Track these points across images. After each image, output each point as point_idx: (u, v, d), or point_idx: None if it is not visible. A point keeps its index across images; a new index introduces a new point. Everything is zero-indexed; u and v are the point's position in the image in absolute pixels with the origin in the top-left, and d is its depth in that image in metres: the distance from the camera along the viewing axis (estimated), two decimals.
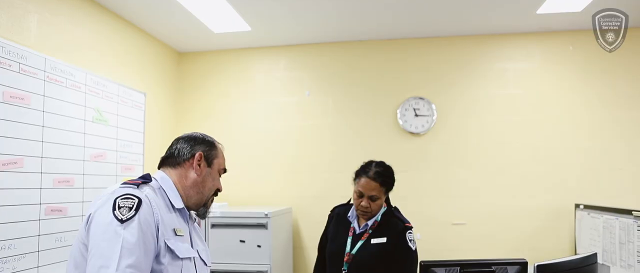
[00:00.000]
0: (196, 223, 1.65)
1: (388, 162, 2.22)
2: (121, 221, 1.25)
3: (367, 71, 3.89)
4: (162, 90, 3.88)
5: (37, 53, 2.39)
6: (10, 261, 2.18)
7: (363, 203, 2.12)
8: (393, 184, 2.19)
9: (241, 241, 3.22)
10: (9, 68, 2.20)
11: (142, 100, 3.39)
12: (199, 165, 1.53)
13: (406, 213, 2.25)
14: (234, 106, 4.06)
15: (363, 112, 3.86)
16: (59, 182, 2.51)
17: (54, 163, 2.48)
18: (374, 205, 2.13)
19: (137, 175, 1.49)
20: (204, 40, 3.85)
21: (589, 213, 3.16)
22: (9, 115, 2.19)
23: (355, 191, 2.16)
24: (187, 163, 1.53)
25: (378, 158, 2.23)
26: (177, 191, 1.50)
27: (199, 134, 1.61)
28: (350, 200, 2.27)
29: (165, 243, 1.34)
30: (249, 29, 3.55)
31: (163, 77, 3.91)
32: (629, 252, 2.62)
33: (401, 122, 3.76)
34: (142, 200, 1.32)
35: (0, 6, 2.32)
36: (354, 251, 2.13)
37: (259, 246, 3.20)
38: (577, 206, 3.36)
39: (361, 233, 2.17)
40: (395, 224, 2.16)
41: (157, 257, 1.32)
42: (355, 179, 2.18)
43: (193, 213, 1.62)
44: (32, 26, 2.50)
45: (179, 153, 1.54)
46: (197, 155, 1.53)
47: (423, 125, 3.74)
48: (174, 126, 4.03)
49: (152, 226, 1.31)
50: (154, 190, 1.42)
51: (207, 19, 3.36)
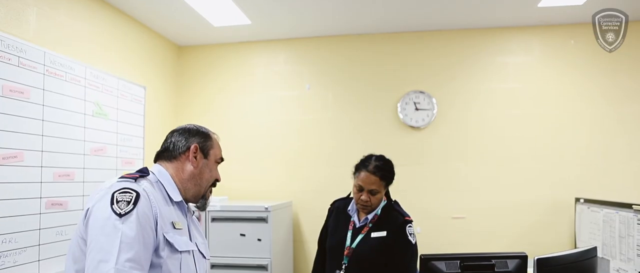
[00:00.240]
0: (195, 217, 1.65)
1: (388, 156, 2.22)
2: (119, 215, 1.25)
3: (368, 65, 3.88)
4: (162, 84, 3.87)
5: (37, 47, 2.38)
6: (11, 254, 2.19)
7: (363, 197, 2.12)
8: (393, 178, 2.19)
9: (241, 235, 3.23)
10: (8, 62, 2.19)
11: (142, 94, 3.38)
12: (195, 158, 1.53)
13: (406, 207, 2.26)
14: (233, 100, 4.05)
15: (363, 105, 3.86)
16: (59, 175, 2.51)
17: (54, 157, 2.48)
18: (373, 199, 2.13)
19: (138, 169, 1.48)
20: (203, 33, 3.84)
21: (589, 207, 3.16)
22: (8, 109, 2.19)
23: (355, 185, 2.17)
24: (183, 156, 1.52)
25: (378, 152, 2.23)
26: (174, 184, 1.50)
27: (192, 126, 1.60)
28: (350, 194, 2.27)
29: (164, 236, 1.34)
30: (248, 22, 3.54)
31: (163, 70, 3.90)
32: (628, 245, 2.62)
33: (401, 115, 3.76)
34: (140, 194, 1.31)
35: None
36: (354, 245, 2.14)
37: (259, 240, 3.21)
38: (577, 200, 3.36)
39: (361, 227, 2.17)
40: (395, 218, 2.16)
41: (156, 250, 1.32)
42: (355, 173, 2.18)
43: (192, 205, 1.62)
44: (31, 20, 2.49)
45: (174, 146, 1.54)
46: (192, 147, 1.52)
47: (423, 119, 3.74)
48: (174, 120, 4.03)
49: (151, 220, 1.31)
50: (151, 183, 1.42)
51: (207, 12, 3.35)
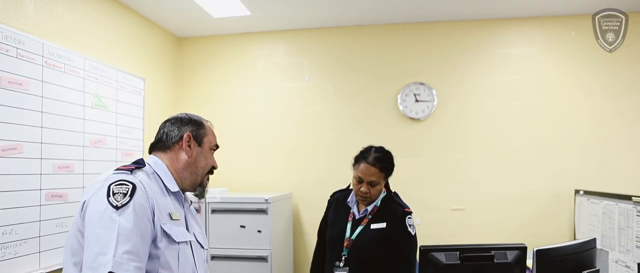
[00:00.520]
0: (192, 207, 1.65)
1: (388, 148, 2.21)
2: (116, 207, 1.25)
3: (368, 56, 3.86)
4: (161, 76, 3.86)
5: (35, 38, 2.37)
6: (12, 246, 2.19)
7: (362, 189, 2.12)
8: (392, 170, 2.19)
9: (241, 226, 3.24)
10: (6, 53, 2.18)
11: (141, 86, 3.38)
12: (189, 146, 1.52)
13: (406, 198, 2.26)
14: (233, 91, 4.04)
15: (363, 97, 3.85)
16: (59, 167, 2.51)
17: (54, 149, 2.48)
18: (373, 191, 2.13)
19: (133, 160, 1.48)
20: (202, 25, 3.81)
21: (588, 199, 3.16)
22: (7, 101, 2.19)
23: (354, 176, 2.17)
24: (177, 146, 1.52)
25: (378, 144, 2.23)
26: (170, 175, 1.49)
27: (184, 115, 1.59)
28: (349, 186, 2.28)
29: (162, 227, 1.34)
30: (248, 13, 3.52)
31: (162, 62, 3.89)
32: (627, 237, 2.63)
33: (401, 107, 3.75)
34: (137, 185, 1.31)
35: None
36: (353, 236, 2.14)
37: (259, 231, 3.22)
38: (577, 192, 3.36)
39: (361, 219, 2.18)
40: (394, 209, 2.16)
41: (153, 241, 1.32)
42: (354, 165, 2.18)
43: (190, 195, 1.62)
44: (29, 11, 2.48)
45: (167, 137, 1.53)
46: (185, 136, 1.52)
47: (423, 111, 3.73)
48: (174, 112, 3.98)
49: (148, 211, 1.31)
50: (147, 175, 1.42)
51: (206, 3, 3.32)
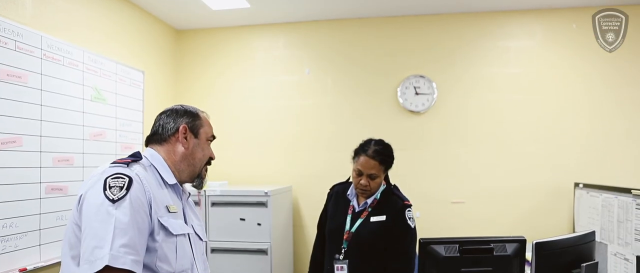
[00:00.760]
0: (190, 199, 1.65)
1: (387, 141, 2.21)
2: (113, 201, 1.24)
3: (367, 49, 3.85)
4: (160, 69, 3.85)
5: (33, 30, 2.36)
6: (12, 239, 2.20)
7: (362, 182, 2.12)
8: (392, 162, 2.19)
9: (241, 219, 3.24)
10: (5, 46, 2.17)
11: (140, 79, 3.37)
12: (186, 138, 1.51)
13: (405, 191, 2.26)
14: (233, 84, 4.03)
15: (363, 90, 3.84)
16: (58, 161, 2.51)
17: (53, 142, 2.47)
18: (373, 184, 2.13)
19: (130, 153, 1.48)
20: (201, 17, 3.80)
21: (588, 192, 3.17)
22: (6, 94, 2.18)
23: (354, 169, 2.17)
24: (173, 138, 1.51)
25: (378, 137, 2.22)
26: (168, 167, 1.48)
27: (179, 106, 1.58)
28: (349, 178, 2.28)
29: (159, 220, 1.34)
30: (247, 5, 3.50)
31: (161, 55, 3.87)
32: (626, 230, 2.63)
33: (401, 100, 3.74)
34: (133, 178, 1.31)
35: None
36: (353, 229, 2.15)
37: (259, 224, 3.22)
38: (577, 185, 3.37)
39: (360, 212, 2.18)
40: (394, 202, 2.16)
41: (151, 234, 1.32)
42: (354, 157, 2.18)
43: (188, 186, 1.62)
44: (27, 3, 2.46)
45: (163, 129, 1.52)
46: (181, 128, 1.51)
47: (423, 104, 3.73)
48: (173, 105, 4.00)
49: (145, 204, 1.31)
50: (144, 168, 1.41)
51: None
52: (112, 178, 1.29)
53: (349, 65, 3.87)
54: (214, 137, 1.62)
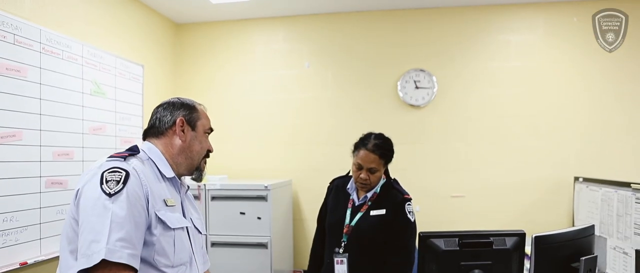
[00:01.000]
0: (189, 193, 1.65)
1: (387, 135, 2.21)
2: (109, 195, 1.24)
3: (367, 42, 3.84)
4: (160, 63, 3.84)
5: (32, 24, 2.35)
6: (13, 233, 2.20)
7: (362, 176, 2.12)
8: (392, 156, 2.19)
9: (241, 213, 3.25)
10: (3, 39, 2.17)
11: (140, 73, 3.36)
12: (183, 131, 1.51)
13: (405, 185, 2.26)
14: (233, 78, 4.02)
15: (363, 84, 3.83)
16: (58, 155, 2.51)
17: (53, 136, 2.47)
18: (372, 178, 2.13)
19: (127, 147, 1.47)
20: (201, 10, 3.78)
21: (587, 186, 3.17)
22: (5, 88, 2.18)
23: (354, 163, 2.17)
24: (170, 131, 1.51)
25: (377, 131, 2.22)
26: (165, 160, 1.48)
27: (176, 99, 1.58)
28: (349, 172, 2.28)
29: (156, 214, 1.34)
30: None
31: (161, 49, 3.86)
32: (626, 224, 2.64)
33: (401, 94, 3.74)
34: (130, 172, 1.30)
35: None
36: (353, 223, 2.15)
37: (259, 218, 3.23)
38: (576, 179, 3.37)
39: (360, 205, 2.18)
40: (394, 196, 2.17)
41: (148, 228, 1.32)
42: (354, 151, 2.18)
43: (187, 180, 1.62)
44: None
45: (160, 122, 1.52)
46: (178, 121, 1.51)
47: (423, 98, 3.72)
48: (170, 97, 4.00)
49: (141, 198, 1.30)
50: (142, 161, 1.41)
51: None
52: (108, 172, 1.29)
53: (349, 59, 3.86)
54: (211, 130, 1.61)
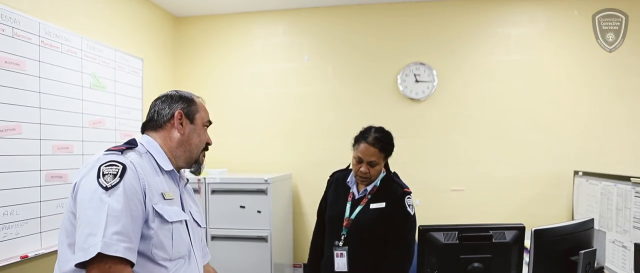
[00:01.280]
0: (188, 186, 1.64)
1: (388, 128, 2.21)
2: (106, 188, 1.24)
3: (367, 36, 3.82)
4: (159, 56, 3.83)
5: (31, 17, 2.34)
6: (13, 226, 2.21)
7: (362, 169, 2.12)
8: (392, 150, 2.19)
9: (241, 207, 3.25)
10: (2, 32, 2.16)
11: (139, 66, 3.35)
12: (181, 124, 1.50)
13: (405, 179, 2.26)
14: (232, 72, 4.01)
15: (363, 77, 3.82)
16: (58, 148, 2.51)
17: (53, 129, 2.47)
18: (373, 171, 2.13)
19: (125, 141, 1.47)
20: (201, 3, 3.76)
21: (587, 180, 3.17)
22: (5, 81, 2.17)
23: (354, 157, 2.16)
24: (169, 124, 1.51)
25: (377, 124, 2.22)
26: (164, 153, 1.48)
27: (174, 92, 1.57)
28: (349, 166, 2.28)
29: (153, 207, 1.34)
30: None
31: (160, 42, 3.85)
32: (625, 217, 2.64)
33: (401, 87, 3.73)
34: (127, 166, 1.30)
35: None
36: (353, 216, 2.15)
37: (259, 212, 3.23)
38: (576, 173, 3.37)
39: (360, 199, 2.18)
40: (394, 189, 2.17)
41: (146, 222, 1.31)
42: (354, 145, 2.18)
43: (186, 172, 1.61)
44: None
45: (158, 115, 1.52)
46: (176, 114, 1.50)
47: (423, 91, 3.71)
48: (168, 90, 3.99)
49: (138, 192, 1.30)
50: (139, 155, 1.41)
51: None
52: (105, 166, 1.29)
53: (349, 52, 3.85)
54: (210, 122, 1.61)
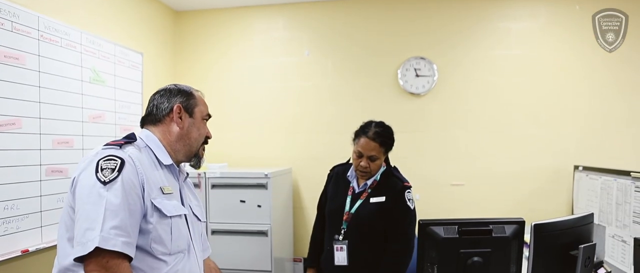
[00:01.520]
0: (188, 180, 1.64)
1: (388, 123, 2.21)
2: (104, 183, 1.25)
3: (368, 30, 3.81)
4: (159, 50, 3.82)
5: (30, 11, 2.33)
6: (14, 221, 2.21)
7: (362, 164, 2.13)
8: (392, 144, 2.19)
9: (241, 201, 3.26)
10: (1, 27, 2.15)
11: (139, 60, 3.34)
12: (180, 118, 1.50)
13: (405, 173, 2.26)
14: (232, 66, 4.01)
15: (363, 72, 3.82)
16: (58, 143, 2.51)
17: (53, 124, 2.47)
18: (373, 165, 2.13)
19: (124, 135, 1.47)
20: None
21: (587, 175, 3.17)
22: (4, 75, 2.17)
23: (354, 151, 2.16)
24: (168, 118, 1.50)
25: (378, 119, 2.22)
26: (163, 148, 1.48)
27: (173, 86, 1.57)
28: (349, 160, 2.28)
29: (152, 202, 1.34)
30: None
31: (160, 36, 3.84)
32: (624, 212, 2.65)
33: (402, 82, 3.72)
34: (125, 160, 1.30)
35: None
36: (353, 210, 2.16)
37: (259, 206, 3.24)
38: (576, 167, 3.37)
39: (360, 193, 2.19)
40: (394, 183, 2.17)
41: (145, 216, 1.32)
42: (354, 139, 2.18)
43: (185, 167, 1.61)
44: None
45: (157, 109, 1.52)
46: (175, 107, 1.50)
47: (424, 86, 3.71)
48: (167, 84, 3.98)
49: (137, 186, 1.30)
50: (138, 149, 1.40)
51: None
52: (104, 160, 1.29)
53: (349, 47, 3.84)
54: (209, 116, 1.61)
